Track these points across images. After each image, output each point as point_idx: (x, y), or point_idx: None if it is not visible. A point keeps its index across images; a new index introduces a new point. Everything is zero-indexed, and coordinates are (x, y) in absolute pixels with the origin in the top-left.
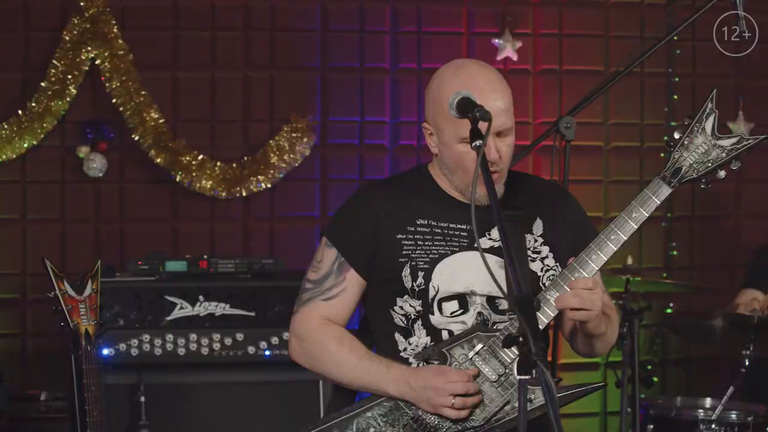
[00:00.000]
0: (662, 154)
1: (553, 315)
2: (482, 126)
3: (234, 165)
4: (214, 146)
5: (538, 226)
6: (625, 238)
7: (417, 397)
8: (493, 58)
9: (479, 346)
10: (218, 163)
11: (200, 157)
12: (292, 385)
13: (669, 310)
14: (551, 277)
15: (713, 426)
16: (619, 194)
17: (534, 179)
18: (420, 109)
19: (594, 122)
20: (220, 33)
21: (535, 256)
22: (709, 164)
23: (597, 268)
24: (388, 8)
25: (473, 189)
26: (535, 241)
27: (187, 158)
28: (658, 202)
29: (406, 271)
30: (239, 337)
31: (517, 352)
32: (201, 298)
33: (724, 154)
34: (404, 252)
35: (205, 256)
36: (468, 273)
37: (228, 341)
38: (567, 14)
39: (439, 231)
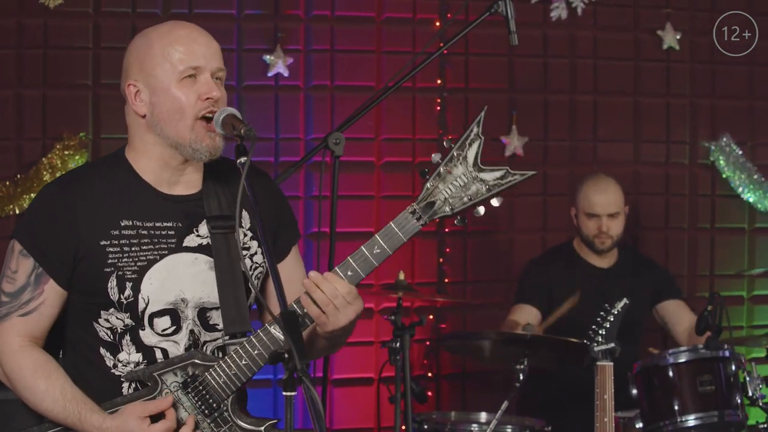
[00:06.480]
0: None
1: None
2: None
3: (7, 183)
4: None
5: (245, 218)
6: (363, 276)
7: None
8: (264, 75)
9: (192, 376)
10: None
11: None
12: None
13: (443, 325)
14: (259, 276)
15: None
16: (390, 210)
17: (231, 163)
18: None
19: (365, 138)
20: None
21: (244, 252)
22: (467, 200)
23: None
24: None
25: (238, 208)
26: (245, 235)
27: None
28: (405, 239)
29: (112, 283)
30: None
31: (231, 389)
32: None
33: (485, 189)
34: (110, 261)
35: None
36: (177, 279)
37: None
38: (339, 30)
39: (146, 233)
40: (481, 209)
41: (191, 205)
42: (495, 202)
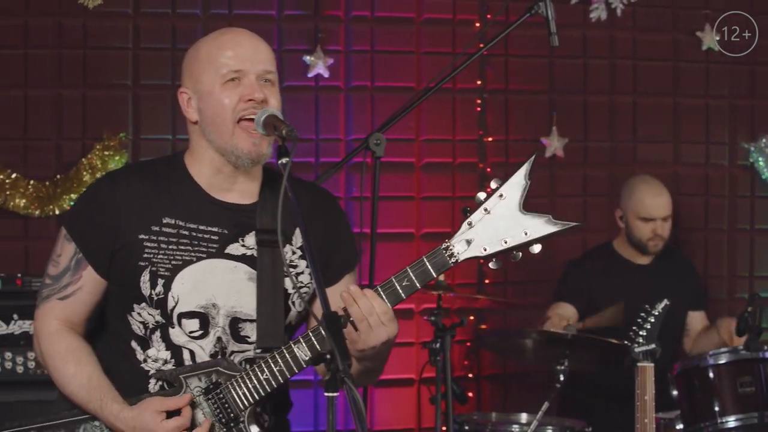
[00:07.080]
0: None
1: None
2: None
3: (47, 183)
4: (27, 164)
5: (297, 237)
6: (389, 307)
7: None
8: (304, 75)
9: (215, 384)
10: (31, 182)
11: (13, 175)
12: None
13: (483, 326)
14: (303, 295)
15: None
16: (431, 211)
17: (299, 184)
18: None
19: (406, 139)
20: (32, 51)
21: (291, 270)
22: (504, 243)
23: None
24: (199, 26)
25: (280, 209)
26: (293, 253)
27: (0, 177)
28: (435, 275)
29: (145, 277)
30: None
31: (249, 401)
32: (15, 316)
33: (524, 234)
34: (145, 255)
35: (20, 275)
36: (212, 283)
37: None
38: (378, 31)
39: (187, 233)
40: (519, 254)
41: (243, 215)
42: (535, 249)
